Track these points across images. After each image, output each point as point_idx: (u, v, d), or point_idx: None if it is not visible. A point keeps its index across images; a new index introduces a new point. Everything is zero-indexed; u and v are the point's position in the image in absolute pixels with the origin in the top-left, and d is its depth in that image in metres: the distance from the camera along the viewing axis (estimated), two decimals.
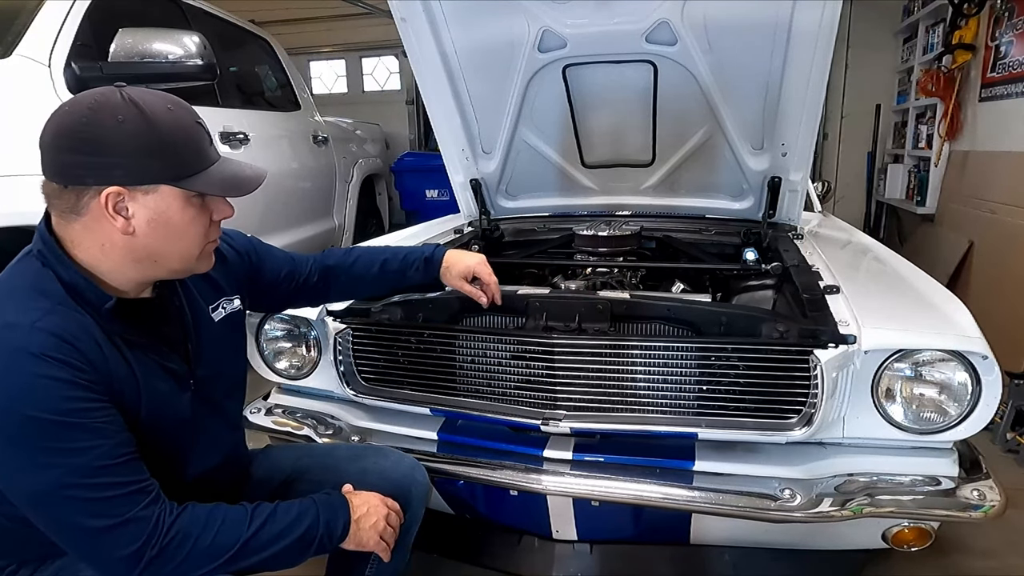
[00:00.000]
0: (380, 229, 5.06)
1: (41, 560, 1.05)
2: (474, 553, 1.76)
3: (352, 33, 7.01)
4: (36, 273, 0.96)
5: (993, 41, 3.67)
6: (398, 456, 1.38)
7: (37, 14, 2.14)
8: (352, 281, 1.48)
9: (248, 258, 1.32)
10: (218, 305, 1.20)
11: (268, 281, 1.36)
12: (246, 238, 1.35)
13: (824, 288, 1.54)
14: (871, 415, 1.38)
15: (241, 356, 1.30)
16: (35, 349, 0.88)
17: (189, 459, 1.12)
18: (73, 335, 0.92)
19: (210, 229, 1.04)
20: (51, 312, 0.92)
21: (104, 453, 0.91)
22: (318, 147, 4.01)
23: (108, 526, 0.90)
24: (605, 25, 1.77)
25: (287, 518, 1.05)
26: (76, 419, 0.89)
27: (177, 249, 1.00)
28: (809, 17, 1.62)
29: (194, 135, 0.99)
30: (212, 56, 2.23)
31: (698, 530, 1.51)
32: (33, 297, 0.93)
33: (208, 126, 1.03)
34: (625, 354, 1.42)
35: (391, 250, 1.52)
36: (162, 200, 0.95)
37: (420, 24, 1.91)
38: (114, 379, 0.96)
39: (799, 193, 2.04)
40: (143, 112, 0.92)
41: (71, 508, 0.90)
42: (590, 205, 2.36)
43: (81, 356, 0.91)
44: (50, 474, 0.88)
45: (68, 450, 0.88)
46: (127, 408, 0.97)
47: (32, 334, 0.89)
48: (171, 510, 0.96)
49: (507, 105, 2.06)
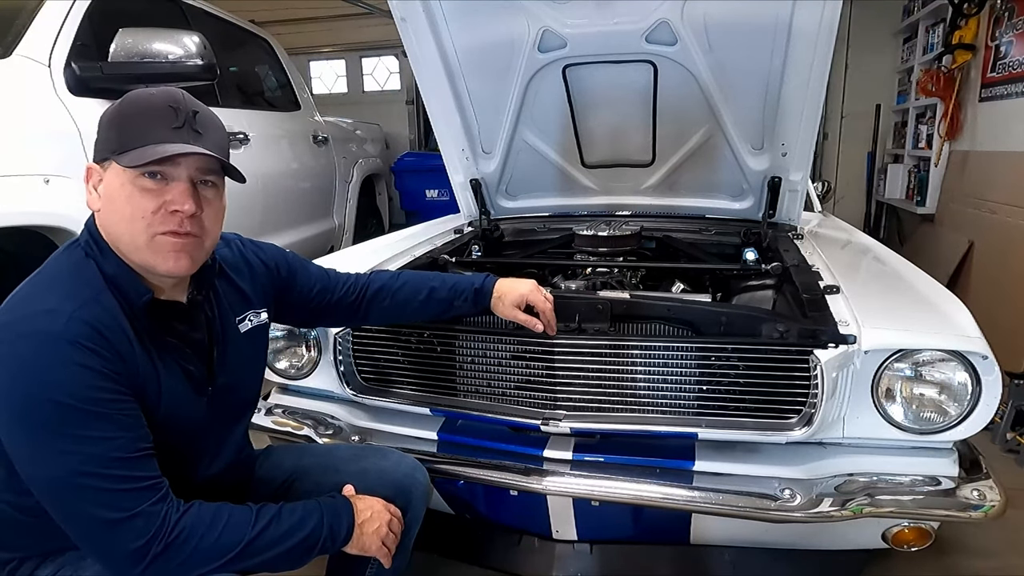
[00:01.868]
0: (380, 229, 5.06)
1: (44, 556, 1.06)
2: (474, 553, 1.76)
3: (352, 33, 7.01)
4: (79, 263, 0.99)
5: (993, 41, 3.67)
6: (399, 457, 1.38)
7: (37, 14, 2.14)
8: (396, 306, 1.44)
9: (277, 271, 1.31)
10: (245, 317, 1.21)
11: (298, 296, 1.35)
12: (277, 250, 1.35)
13: (824, 288, 1.54)
14: (871, 415, 1.38)
15: (260, 368, 1.30)
16: (71, 336, 0.91)
17: (199, 461, 1.14)
18: (107, 327, 0.94)
19: (154, 217, 0.97)
20: (89, 302, 0.95)
21: (122, 446, 0.92)
22: (318, 147, 4.01)
23: (117, 519, 0.91)
24: (605, 25, 1.77)
25: (291, 520, 1.05)
26: (102, 409, 0.91)
27: (119, 230, 0.99)
28: (809, 17, 1.62)
29: (150, 114, 0.98)
30: (212, 56, 2.23)
31: (698, 530, 1.51)
32: (75, 286, 0.96)
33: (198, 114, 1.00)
34: (625, 354, 1.42)
35: (439, 277, 1.49)
36: (111, 175, 0.98)
37: (420, 24, 1.91)
38: (139, 374, 0.98)
39: (799, 193, 2.04)
40: (125, 97, 0.99)
41: (83, 497, 0.91)
42: (590, 205, 2.36)
43: (112, 348, 0.94)
44: (69, 460, 0.90)
45: (89, 438, 0.91)
46: (147, 404, 0.99)
47: (70, 322, 0.92)
48: (178, 507, 0.96)
49: (507, 105, 2.06)
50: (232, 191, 1.10)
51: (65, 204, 1.93)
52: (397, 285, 1.45)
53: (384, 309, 1.44)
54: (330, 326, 1.57)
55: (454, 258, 2.06)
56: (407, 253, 2.07)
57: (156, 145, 0.96)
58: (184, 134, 0.98)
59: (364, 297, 1.42)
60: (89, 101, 2.13)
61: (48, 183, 1.90)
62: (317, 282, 1.39)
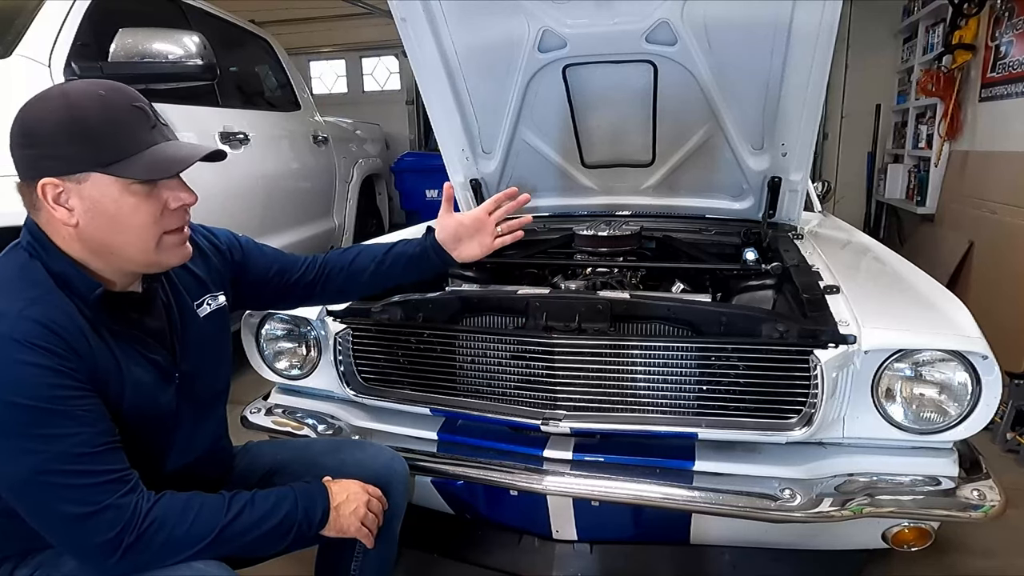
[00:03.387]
0: (380, 229, 5.06)
1: (22, 556, 1.05)
2: (474, 553, 1.76)
3: (352, 33, 7.00)
4: (24, 264, 0.98)
5: (993, 41, 3.67)
6: (376, 448, 1.39)
7: (37, 14, 2.14)
8: (352, 276, 1.43)
9: (231, 254, 1.30)
10: (203, 301, 1.20)
11: (255, 277, 1.35)
12: (229, 234, 1.34)
13: (824, 288, 1.54)
14: (871, 415, 1.38)
15: (226, 353, 1.28)
16: (20, 336, 0.89)
17: (170, 452, 1.13)
18: (59, 324, 0.93)
19: (164, 218, 0.99)
20: (38, 301, 0.93)
21: (84, 441, 0.92)
22: (318, 147, 4.01)
23: (86, 513, 0.91)
24: (605, 25, 1.77)
25: (265, 506, 1.06)
26: (58, 406, 0.90)
27: (126, 240, 0.97)
28: (809, 17, 1.62)
29: (124, 119, 0.96)
30: (212, 56, 2.23)
31: (698, 530, 1.51)
32: (20, 286, 0.95)
33: (151, 108, 1.00)
34: (625, 354, 1.42)
35: (390, 245, 1.48)
36: (95, 188, 0.94)
37: (420, 24, 1.91)
38: (99, 368, 0.97)
39: (799, 193, 2.04)
40: (69, 101, 0.93)
41: (50, 494, 0.91)
42: (590, 205, 2.36)
43: (66, 345, 0.93)
44: (30, 460, 0.89)
45: (49, 436, 0.90)
46: (110, 398, 0.98)
47: (18, 322, 0.90)
48: (148, 498, 0.96)
49: (507, 105, 2.06)
50: (232, 191, 1.10)
51: None
52: (350, 256, 1.44)
53: (341, 282, 1.43)
54: (290, 307, 1.55)
55: None
56: None
57: (151, 150, 0.96)
58: (161, 131, 0.99)
59: (323, 274, 1.41)
60: None
61: None
62: (274, 263, 1.38)
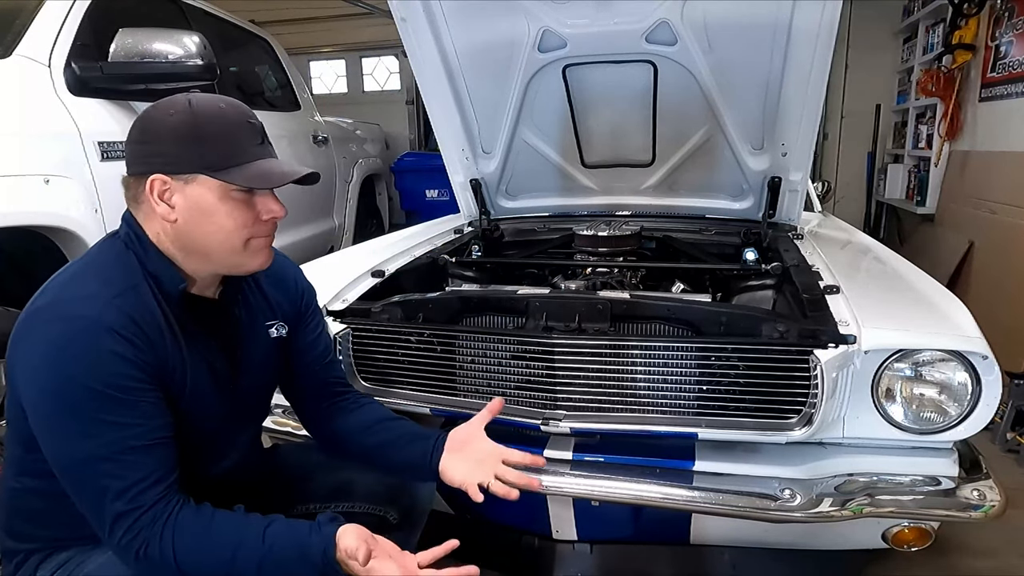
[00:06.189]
0: (380, 229, 5.06)
1: (51, 550, 1.07)
2: (474, 553, 1.75)
3: (352, 33, 7.01)
4: (119, 253, 1.03)
5: (993, 41, 3.67)
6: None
7: (37, 14, 2.14)
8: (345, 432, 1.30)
9: (302, 299, 1.29)
10: (274, 324, 1.22)
11: (301, 342, 1.29)
12: (312, 287, 1.34)
13: (824, 288, 1.54)
14: (871, 415, 1.38)
15: (276, 380, 1.29)
16: (108, 324, 0.94)
17: (208, 458, 1.15)
18: (142, 317, 0.98)
19: (255, 226, 1.05)
20: (128, 291, 0.99)
21: (139, 434, 0.95)
22: (318, 147, 4.01)
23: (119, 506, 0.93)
24: (605, 25, 1.77)
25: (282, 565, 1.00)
26: (127, 396, 0.94)
27: (217, 240, 1.02)
28: (809, 17, 1.62)
29: (237, 131, 1.02)
30: (212, 56, 2.23)
31: (698, 530, 1.51)
32: (114, 274, 1.00)
33: (262, 126, 1.07)
34: (625, 354, 1.42)
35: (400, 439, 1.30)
36: (199, 189, 1.00)
37: (420, 24, 1.91)
38: (167, 365, 1.01)
39: (799, 193, 2.04)
40: (193, 108, 1.00)
41: (94, 480, 0.94)
42: (590, 205, 2.36)
43: (145, 337, 0.97)
44: (88, 444, 0.93)
45: (111, 423, 0.93)
46: (171, 394, 1.02)
47: (108, 308, 0.95)
48: (176, 511, 0.96)
49: (507, 105, 2.06)
50: None
51: (65, 204, 1.93)
52: (360, 418, 1.31)
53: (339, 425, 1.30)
54: (287, 399, 1.38)
55: (454, 258, 2.06)
56: (407, 253, 2.07)
57: (256, 162, 1.02)
58: (266, 148, 1.06)
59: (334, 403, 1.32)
60: (89, 101, 2.13)
61: (48, 183, 1.90)
62: (322, 344, 1.33)
